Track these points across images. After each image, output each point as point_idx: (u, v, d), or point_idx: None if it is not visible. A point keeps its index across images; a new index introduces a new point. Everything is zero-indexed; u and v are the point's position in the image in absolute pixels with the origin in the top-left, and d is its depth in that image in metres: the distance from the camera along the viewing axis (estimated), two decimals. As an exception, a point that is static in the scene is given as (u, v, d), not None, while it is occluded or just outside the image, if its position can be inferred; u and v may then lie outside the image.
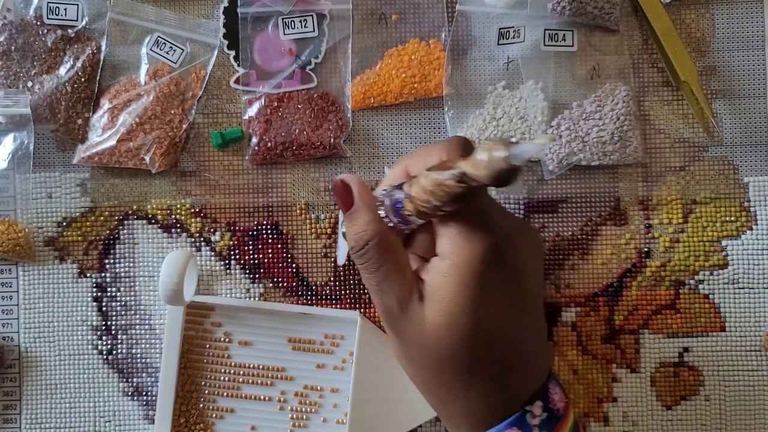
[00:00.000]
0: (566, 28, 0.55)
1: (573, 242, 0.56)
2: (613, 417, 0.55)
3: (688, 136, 0.56)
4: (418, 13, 0.56)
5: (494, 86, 0.55)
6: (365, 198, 0.42)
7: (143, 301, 0.56)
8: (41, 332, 0.56)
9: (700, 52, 0.56)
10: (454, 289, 0.39)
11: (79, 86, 0.55)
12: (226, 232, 0.56)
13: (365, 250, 0.41)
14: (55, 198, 0.56)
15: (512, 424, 0.41)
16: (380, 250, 0.41)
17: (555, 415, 0.41)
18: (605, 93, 0.55)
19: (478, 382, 0.41)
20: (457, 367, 0.41)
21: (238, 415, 0.55)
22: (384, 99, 0.55)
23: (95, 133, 0.55)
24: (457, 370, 0.41)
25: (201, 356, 0.55)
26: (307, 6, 0.55)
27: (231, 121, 0.56)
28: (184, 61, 0.56)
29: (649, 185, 0.56)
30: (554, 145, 0.54)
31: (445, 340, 0.40)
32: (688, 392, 0.55)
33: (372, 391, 0.52)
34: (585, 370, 0.56)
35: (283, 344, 0.55)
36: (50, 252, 0.56)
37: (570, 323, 0.56)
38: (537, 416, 0.41)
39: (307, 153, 0.55)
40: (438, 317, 0.40)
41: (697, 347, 0.55)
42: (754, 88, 0.56)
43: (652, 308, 0.56)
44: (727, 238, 0.56)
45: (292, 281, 0.56)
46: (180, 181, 0.56)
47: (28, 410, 0.56)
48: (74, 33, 0.55)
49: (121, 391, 0.56)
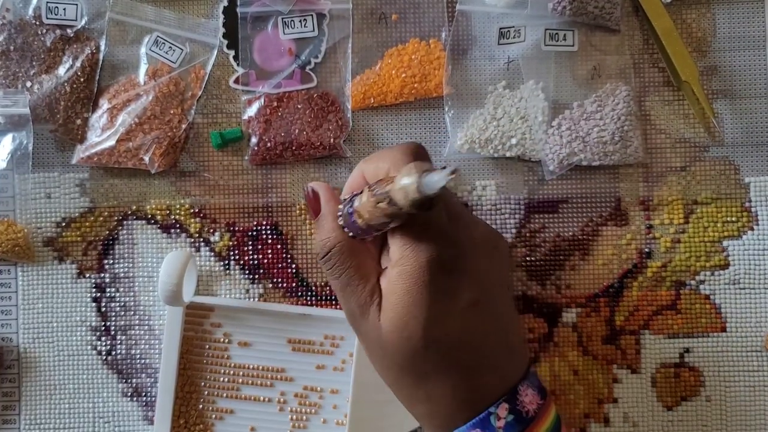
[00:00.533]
0: (567, 27, 0.55)
1: (574, 243, 0.56)
2: (614, 418, 0.55)
3: (689, 136, 0.56)
4: (419, 12, 0.55)
5: (495, 86, 0.55)
6: (331, 206, 0.44)
7: (142, 302, 0.56)
8: (40, 333, 0.56)
9: (701, 51, 0.56)
10: (401, 297, 0.40)
11: (78, 86, 0.55)
12: (226, 233, 0.56)
13: (329, 257, 0.43)
14: (54, 198, 0.56)
15: (475, 426, 0.41)
16: (343, 256, 0.42)
17: (523, 417, 0.41)
18: (606, 93, 0.55)
19: (438, 386, 0.41)
20: (414, 372, 0.41)
21: (238, 416, 0.55)
22: (384, 99, 0.55)
23: (94, 133, 0.55)
24: (415, 374, 0.41)
25: (200, 357, 0.55)
26: (307, 5, 0.55)
27: (230, 121, 0.56)
28: (183, 60, 0.55)
29: (650, 185, 0.56)
30: (554, 145, 0.54)
31: (399, 345, 0.41)
32: (688, 393, 0.55)
33: (372, 392, 0.52)
34: (586, 371, 0.55)
35: (282, 345, 0.55)
36: (49, 252, 0.56)
37: (571, 324, 0.55)
38: (502, 418, 0.41)
39: (307, 153, 0.55)
40: (389, 323, 0.41)
41: (697, 348, 0.55)
42: (755, 88, 0.56)
43: (653, 309, 0.55)
44: (728, 238, 0.56)
45: (292, 282, 0.56)
46: (179, 181, 0.56)
47: (27, 411, 0.55)
48: (73, 33, 0.55)
49: (120, 392, 0.56)
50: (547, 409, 0.43)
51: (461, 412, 0.41)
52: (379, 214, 0.38)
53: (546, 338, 0.55)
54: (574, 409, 0.55)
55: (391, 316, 0.41)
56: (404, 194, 0.35)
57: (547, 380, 0.55)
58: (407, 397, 0.43)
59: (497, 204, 0.56)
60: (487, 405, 0.41)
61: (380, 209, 0.38)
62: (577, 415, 0.55)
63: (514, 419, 0.41)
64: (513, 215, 0.56)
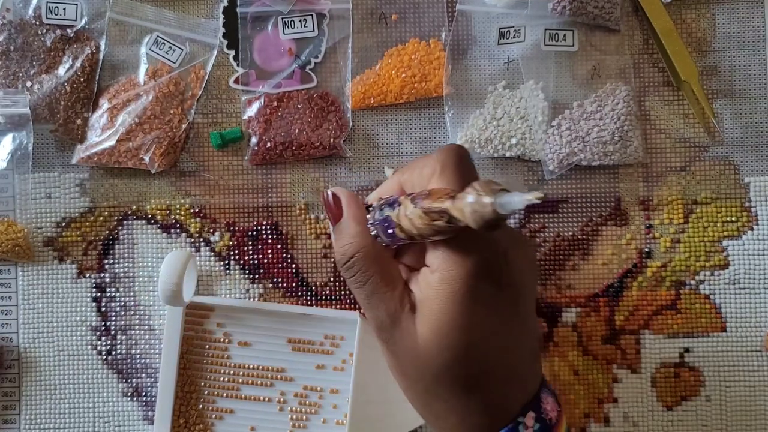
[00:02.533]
0: (567, 27, 0.55)
1: (574, 242, 0.56)
2: (614, 418, 0.55)
3: (689, 136, 0.56)
4: (418, 12, 0.55)
5: (494, 86, 0.55)
6: (353, 211, 0.42)
7: (142, 302, 0.56)
8: (40, 333, 0.56)
9: (701, 51, 0.56)
10: (444, 303, 0.38)
11: (79, 86, 0.55)
12: (226, 233, 0.56)
13: (351, 263, 0.41)
14: (54, 198, 0.56)
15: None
16: (367, 262, 0.40)
17: (547, 424, 0.41)
18: (606, 93, 0.55)
19: (473, 397, 0.40)
20: (451, 382, 0.40)
21: (238, 415, 0.55)
22: (384, 99, 0.55)
23: (94, 133, 0.55)
24: (451, 384, 0.40)
25: (200, 357, 0.55)
26: (307, 5, 0.55)
27: (230, 121, 0.56)
28: (183, 60, 0.55)
29: (649, 185, 0.56)
30: (554, 145, 0.54)
31: (438, 354, 0.39)
32: (688, 393, 0.55)
33: (372, 392, 0.52)
34: (586, 371, 0.55)
35: (282, 345, 0.55)
36: (49, 252, 0.56)
37: (571, 324, 0.55)
38: (530, 427, 0.40)
39: (307, 153, 0.55)
40: (429, 331, 0.39)
41: (697, 348, 0.55)
42: (755, 87, 0.56)
43: (653, 309, 0.55)
44: (727, 238, 0.56)
45: (292, 282, 0.56)
46: (179, 181, 0.56)
47: (27, 411, 0.55)
48: (73, 33, 0.55)
49: (120, 392, 0.56)
50: (563, 415, 0.43)
51: (492, 423, 0.40)
52: (431, 229, 0.37)
53: (546, 338, 0.55)
54: (574, 409, 0.55)
55: (432, 323, 0.39)
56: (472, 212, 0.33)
57: (547, 380, 0.55)
58: (438, 409, 0.41)
59: (497, 204, 0.56)
60: (514, 415, 0.40)
61: (434, 225, 0.36)
62: (577, 415, 0.55)
63: (540, 427, 0.40)
64: (513, 215, 0.56)
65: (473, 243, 0.38)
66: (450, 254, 0.38)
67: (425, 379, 0.40)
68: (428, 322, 0.39)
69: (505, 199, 0.32)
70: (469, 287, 0.38)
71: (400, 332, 0.40)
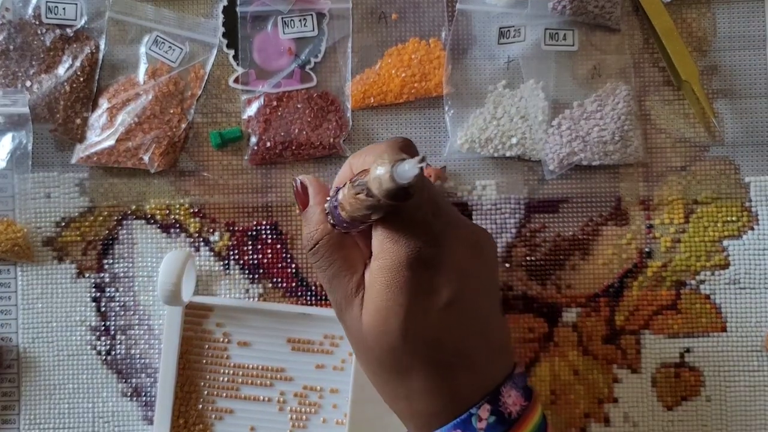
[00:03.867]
0: (567, 27, 0.55)
1: (574, 242, 0.56)
2: (614, 418, 0.55)
3: (690, 135, 0.56)
4: (418, 12, 0.55)
5: (495, 85, 0.55)
6: (319, 198, 0.44)
7: (142, 302, 0.56)
8: (40, 333, 0.56)
9: (702, 51, 0.56)
10: (381, 291, 0.40)
11: (78, 86, 0.54)
12: (225, 232, 0.56)
13: (316, 249, 0.43)
14: (54, 198, 0.56)
15: (456, 426, 0.40)
16: (330, 248, 0.42)
17: (506, 418, 0.41)
18: (606, 92, 0.55)
19: (416, 383, 0.41)
20: (393, 367, 0.41)
21: (238, 415, 0.55)
22: (384, 98, 0.55)
23: (94, 133, 0.55)
24: (393, 369, 0.41)
25: (200, 357, 0.55)
26: (307, 5, 0.55)
27: (230, 121, 0.56)
28: (183, 60, 0.55)
29: (650, 185, 0.56)
30: (554, 145, 0.54)
31: (377, 340, 0.41)
32: (689, 393, 0.55)
33: (372, 392, 0.52)
34: (586, 371, 0.55)
35: (282, 345, 0.55)
36: (49, 252, 0.56)
37: (571, 324, 0.55)
38: (484, 419, 0.40)
39: (307, 153, 0.55)
40: (369, 316, 0.41)
41: (698, 348, 0.55)
42: (756, 87, 0.56)
43: (653, 309, 0.55)
44: (728, 238, 0.55)
45: (292, 281, 0.56)
46: (179, 180, 0.56)
47: (26, 411, 0.55)
48: (73, 32, 0.55)
49: (119, 392, 0.56)
50: (532, 411, 0.42)
51: (442, 413, 0.41)
52: (360, 206, 0.38)
53: (546, 338, 0.55)
54: (574, 409, 0.55)
55: (371, 310, 0.40)
56: (378, 184, 0.35)
57: (547, 380, 0.55)
58: (388, 393, 0.43)
59: (497, 204, 0.56)
60: (469, 406, 0.41)
61: (359, 201, 0.37)
62: (577, 415, 0.55)
63: (495, 420, 0.41)
64: (513, 215, 0.56)
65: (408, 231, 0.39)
66: (385, 241, 0.40)
67: (372, 363, 0.42)
68: (369, 308, 0.41)
69: (398, 166, 0.34)
70: (405, 276, 0.39)
71: (350, 315, 0.42)
